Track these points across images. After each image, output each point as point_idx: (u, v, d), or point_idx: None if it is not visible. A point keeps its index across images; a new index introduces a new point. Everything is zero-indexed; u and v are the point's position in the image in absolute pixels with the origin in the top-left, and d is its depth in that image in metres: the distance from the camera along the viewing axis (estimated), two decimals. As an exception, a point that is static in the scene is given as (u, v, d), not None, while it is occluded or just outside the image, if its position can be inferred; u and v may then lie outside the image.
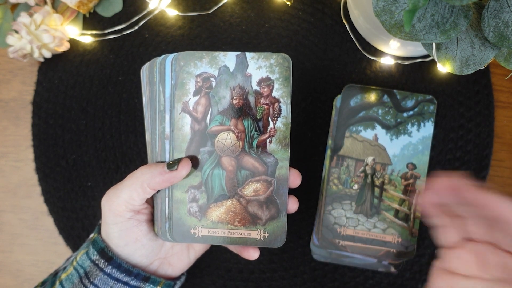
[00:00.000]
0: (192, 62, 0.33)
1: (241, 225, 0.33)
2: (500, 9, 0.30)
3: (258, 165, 0.33)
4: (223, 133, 0.33)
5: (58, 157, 0.48)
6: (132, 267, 0.34)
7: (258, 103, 0.33)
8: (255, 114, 0.33)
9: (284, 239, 0.33)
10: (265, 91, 0.33)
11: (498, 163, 0.47)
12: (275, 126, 0.33)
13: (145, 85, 0.35)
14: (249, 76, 0.33)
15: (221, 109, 0.33)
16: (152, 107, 0.34)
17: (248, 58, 0.33)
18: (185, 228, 0.33)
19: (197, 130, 0.33)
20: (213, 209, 0.33)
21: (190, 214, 0.33)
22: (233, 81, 0.33)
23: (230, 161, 0.33)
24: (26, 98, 0.49)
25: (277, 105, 0.33)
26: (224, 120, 0.33)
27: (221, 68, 0.33)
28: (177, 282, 0.38)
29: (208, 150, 0.33)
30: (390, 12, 0.31)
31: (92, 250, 0.34)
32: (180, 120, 0.33)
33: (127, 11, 0.48)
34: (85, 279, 0.34)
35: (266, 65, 0.33)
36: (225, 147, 0.33)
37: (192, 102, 0.33)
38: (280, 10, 0.48)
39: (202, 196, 0.33)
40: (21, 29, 0.44)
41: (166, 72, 0.33)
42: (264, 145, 0.33)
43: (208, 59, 0.33)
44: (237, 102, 0.33)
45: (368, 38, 0.46)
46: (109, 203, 0.33)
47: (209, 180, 0.33)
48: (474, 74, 0.46)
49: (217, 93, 0.33)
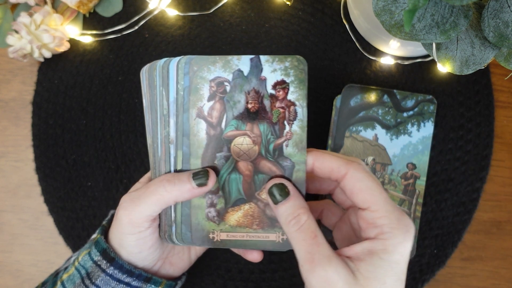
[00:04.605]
0: (206, 66, 0.32)
1: (259, 228, 0.33)
2: (500, 9, 0.30)
3: (275, 168, 0.33)
4: (239, 138, 0.33)
5: (58, 157, 0.48)
6: (134, 268, 0.34)
7: (274, 106, 0.33)
8: (270, 118, 0.33)
9: None
10: (281, 94, 0.33)
11: (498, 163, 0.47)
12: (291, 130, 0.33)
13: (145, 87, 0.35)
14: (263, 79, 0.32)
15: (236, 114, 0.33)
16: (153, 110, 0.34)
17: (262, 61, 0.32)
18: (204, 233, 0.33)
19: (212, 135, 0.33)
20: (231, 213, 0.33)
21: (208, 219, 0.33)
22: (247, 85, 0.32)
23: (246, 166, 0.33)
24: (26, 98, 0.49)
25: (293, 108, 0.33)
26: (240, 125, 0.33)
27: (235, 72, 0.32)
28: (178, 282, 0.38)
29: (224, 155, 0.33)
30: (390, 12, 0.31)
31: (95, 251, 0.34)
32: (196, 126, 0.33)
33: (127, 11, 0.48)
34: (86, 280, 0.34)
35: (281, 68, 0.32)
36: (241, 151, 0.33)
37: (206, 107, 0.33)
38: (280, 10, 0.48)
39: (220, 201, 0.33)
40: (21, 29, 0.44)
41: (170, 76, 0.33)
42: (281, 149, 0.33)
43: (222, 63, 0.32)
44: (252, 106, 0.33)
45: (368, 38, 0.46)
46: (129, 217, 0.32)
47: (226, 185, 0.33)
48: (474, 74, 0.46)
49: (231, 97, 0.33)
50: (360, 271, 0.26)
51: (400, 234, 0.27)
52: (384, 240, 0.27)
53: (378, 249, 0.27)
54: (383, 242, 0.27)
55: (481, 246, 0.47)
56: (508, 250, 0.47)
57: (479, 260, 0.47)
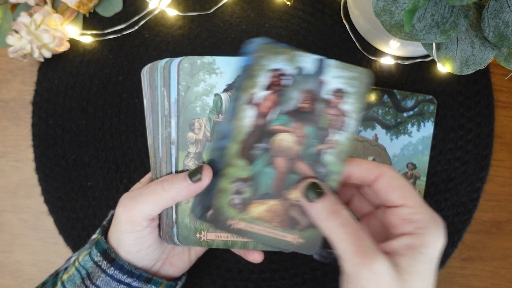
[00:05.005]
0: (270, 55, 0.31)
1: (279, 226, 0.33)
2: (500, 9, 0.30)
3: (310, 172, 0.32)
4: (283, 134, 0.32)
5: (58, 157, 0.48)
6: (135, 269, 0.34)
7: (325, 112, 0.32)
8: (318, 122, 0.32)
9: (317, 249, 0.33)
10: (335, 102, 0.32)
11: (498, 163, 0.47)
12: (336, 139, 0.32)
13: (146, 88, 0.35)
14: (323, 82, 0.32)
15: (287, 110, 0.32)
16: (154, 111, 0.34)
17: (329, 65, 0.32)
18: (223, 217, 0.33)
19: (258, 125, 0.32)
20: (255, 205, 0.33)
21: (230, 205, 0.33)
22: (306, 84, 0.32)
23: (283, 163, 0.32)
24: (26, 98, 0.49)
25: (343, 118, 0.32)
26: (287, 121, 0.32)
27: (297, 69, 0.32)
28: (178, 282, 0.38)
29: (263, 147, 0.32)
30: (390, 12, 0.31)
31: (95, 251, 0.34)
32: (243, 112, 0.32)
33: (127, 11, 0.48)
34: (87, 280, 0.34)
35: (345, 76, 0.32)
36: (282, 147, 0.32)
37: (260, 95, 0.32)
38: (280, 10, 0.48)
39: (247, 191, 0.33)
40: (21, 29, 0.44)
41: (171, 76, 0.33)
42: (320, 155, 0.32)
43: (286, 56, 0.31)
44: (304, 106, 0.32)
45: (368, 38, 0.46)
46: (127, 215, 0.32)
47: (258, 177, 0.33)
48: (474, 74, 0.46)
49: (287, 92, 0.32)
50: (401, 265, 0.27)
51: (436, 230, 0.28)
52: (422, 234, 0.28)
53: (417, 243, 0.28)
54: (422, 237, 0.28)
55: (481, 246, 0.47)
56: (508, 250, 0.47)
57: (479, 260, 0.47)
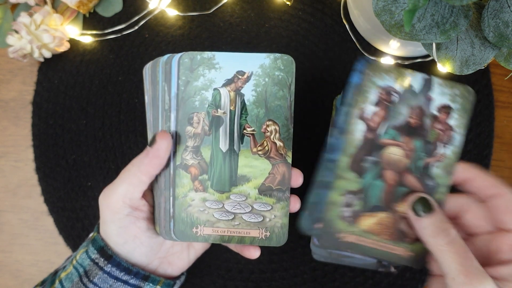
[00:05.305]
0: (380, 73, 0.34)
1: (389, 239, 0.34)
2: (500, 9, 0.30)
3: (419, 185, 0.34)
4: (393, 148, 0.34)
5: (58, 157, 0.48)
6: (132, 266, 0.34)
7: (433, 127, 0.34)
8: (427, 137, 0.33)
9: (426, 261, 0.33)
10: (443, 117, 0.34)
11: (498, 163, 0.47)
12: (444, 153, 0.34)
13: (148, 84, 0.35)
14: (430, 99, 0.33)
15: (396, 124, 0.34)
16: (154, 106, 0.34)
17: (433, 83, 0.33)
18: (332, 230, 0.33)
19: (368, 138, 0.33)
20: (366, 218, 0.33)
21: (340, 218, 0.33)
22: (414, 100, 0.33)
23: (392, 175, 0.34)
24: (26, 98, 0.49)
25: (451, 133, 0.34)
26: (397, 136, 0.33)
27: (405, 86, 0.34)
28: (177, 281, 0.38)
29: (373, 160, 0.34)
30: (390, 12, 0.31)
31: (92, 249, 0.34)
32: (354, 125, 0.34)
33: (127, 11, 0.48)
34: (84, 278, 0.34)
35: (450, 93, 0.34)
36: (391, 161, 0.34)
37: (369, 111, 0.34)
38: (280, 10, 0.48)
39: (357, 203, 0.33)
40: (21, 29, 0.44)
41: (172, 71, 0.33)
42: (429, 168, 0.34)
43: (395, 74, 0.34)
44: (413, 121, 0.33)
45: (368, 38, 0.46)
46: (106, 201, 0.33)
47: (368, 189, 0.34)
48: (474, 74, 0.46)
49: (396, 108, 0.34)
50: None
51: None
52: None
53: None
54: None
55: (481, 246, 0.47)
56: (508, 250, 0.47)
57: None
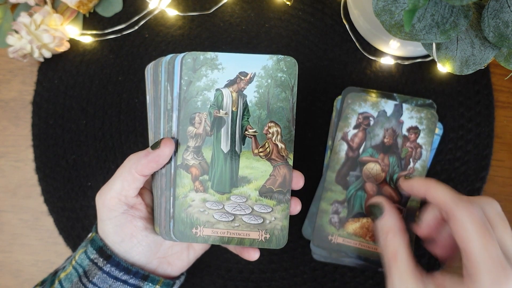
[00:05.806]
0: (358, 102, 0.42)
1: (371, 240, 0.41)
2: (500, 9, 0.30)
3: (394, 195, 0.41)
4: (371, 164, 0.41)
5: (58, 157, 0.48)
6: (131, 266, 0.34)
7: (404, 145, 0.41)
8: (399, 154, 0.41)
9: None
10: (412, 137, 0.41)
11: (498, 163, 0.47)
12: (414, 167, 0.41)
13: (150, 84, 0.35)
14: (401, 122, 0.41)
15: (373, 144, 0.41)
16: (156, 106, 0.34)
17: (403, 108, 0.42)
18: (324, 233, 0.41)
19: (350, 156, 0.41)
20: (351, 223, 0.41)
21: (330, 224, 0.41)
22: (388, 123, 0.41)
23: (372, 187, 0.41)
24: (26, 98, 0.49)
25: (419, 150, 0.41)
26: (374, 153, 0.41)
27: (380, 112, 0.42)
28: (177, 281, 0.38)
29: (355, 175, 0.41)
30: (390, 12, 0.31)
31: (91, 249, 0.34)
32: (338, 146, 0.42)
33: (127, 11, 0.48)
34: (84, 278, 0.34)
35: (417, 116, 0.42)
36: (370, 175, 0.41)
37: (351, 133, 0.42)
38: (280, 10, 0.48)
39: (343, 211, 0.41)
40: (21, 29, 0.44)
41: (175, 71, 0.33)
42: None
43: (371, 102, 0.42)
44: (387, 141, 0.41)
45: (368, 38, 0.46)
46: (102, 199, 0.33)
47: (352, 199, 0.41)
48: (474, 74, 0.46)
49: (372, 130, 0.42)
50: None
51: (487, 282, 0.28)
52: (474, 283, 0.29)
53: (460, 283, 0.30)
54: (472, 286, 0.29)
55: (481, 246, 0.47)
56: (508, 250, 0.47)
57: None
